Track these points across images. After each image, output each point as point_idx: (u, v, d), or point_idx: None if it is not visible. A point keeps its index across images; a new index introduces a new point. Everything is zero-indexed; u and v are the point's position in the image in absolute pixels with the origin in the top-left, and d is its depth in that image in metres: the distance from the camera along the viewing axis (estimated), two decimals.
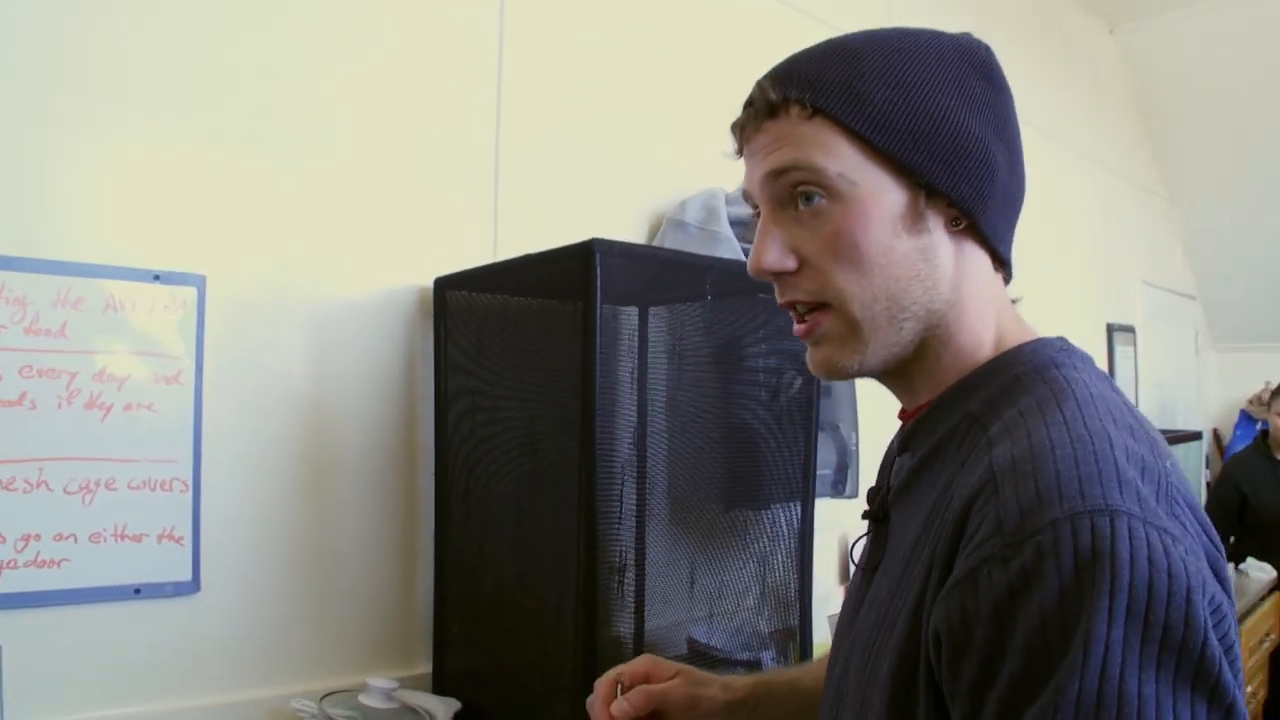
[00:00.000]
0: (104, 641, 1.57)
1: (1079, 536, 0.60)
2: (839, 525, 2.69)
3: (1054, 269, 4.27)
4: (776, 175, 0.78)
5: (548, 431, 1.65)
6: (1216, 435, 5.92)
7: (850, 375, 0.81)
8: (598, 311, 1.45)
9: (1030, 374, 0.77)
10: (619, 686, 1.02)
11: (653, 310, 1.86)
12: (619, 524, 1.58)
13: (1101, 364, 4.52)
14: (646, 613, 1.78)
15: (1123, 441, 0.67)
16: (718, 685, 1.05)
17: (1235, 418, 5.77)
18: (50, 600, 1.52)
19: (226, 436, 1.70)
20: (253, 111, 1.74)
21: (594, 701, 1.02)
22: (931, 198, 0.77)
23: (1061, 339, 0.82)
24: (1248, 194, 5.06)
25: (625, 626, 1.69)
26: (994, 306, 0.82)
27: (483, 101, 2.09)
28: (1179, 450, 4.42)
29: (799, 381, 1.86)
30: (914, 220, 0.77)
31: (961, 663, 0.64)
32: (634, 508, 1.73)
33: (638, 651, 1.64)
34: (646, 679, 1.04)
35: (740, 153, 0.83)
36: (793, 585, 1.88)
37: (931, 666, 0.68)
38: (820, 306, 0.79)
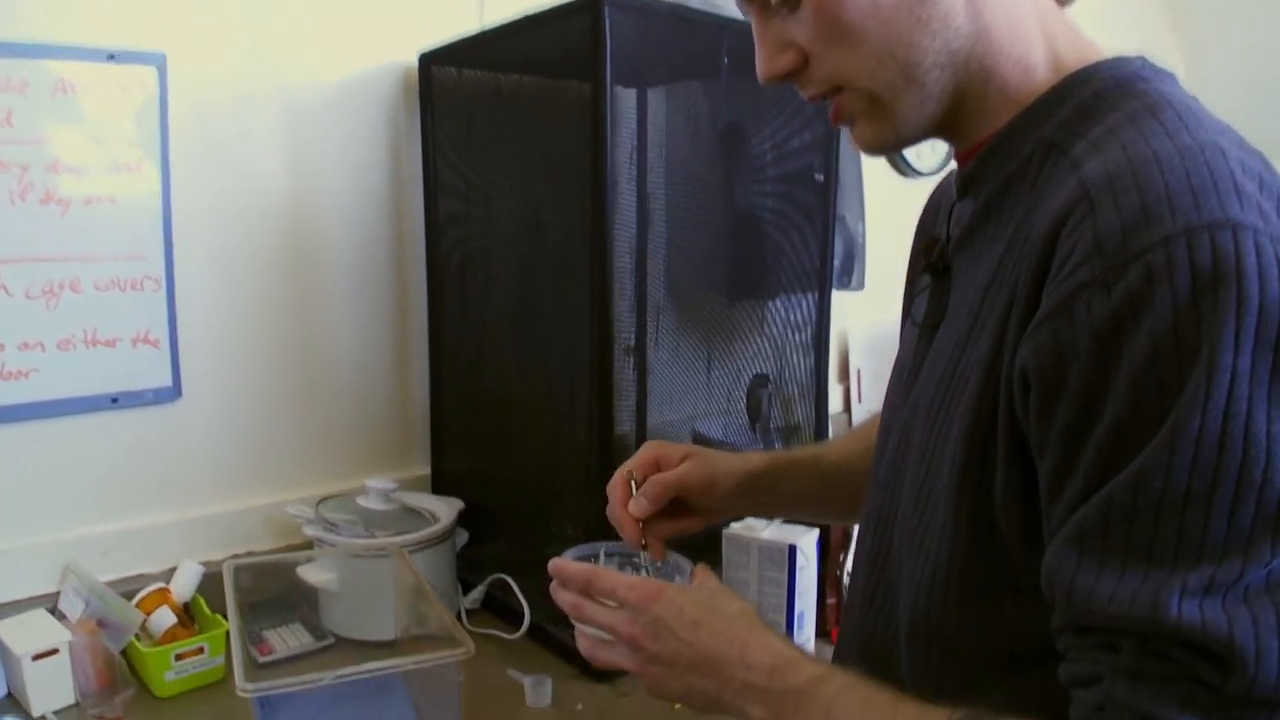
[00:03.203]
0: (82, 455, 1.49)
1: (1197, 254, 0.52)
2: (841, 318, 2.59)
3: None
4: None
5: (553, 221, 1.53)
6: None
7: (896, 146, 0.74)
8: (608, 82, 1.30)
9: (1112, 89, 0.66)
10: (631, 484, 0.95)
11: (651, 92, 1.71)
12: (632, 310, 1.49)
13: None
14: (649, 407, 1.70)
15: (1236, 153, 0.58)
16: (733, 459, 0.99)
17: None
18: (20, 414, 1.43)
19: (199, 230, 1.56)
20: None
21: (613, 507, 0.96)
22: None
23: (1141, 56, 0.70)
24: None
25: (626, 424, 1.61)
26: (1035, 21, 0.70)
27: None
28: None
29: (819, 176, 1.73)
30: None
31: (1054, 406, 0.58)
32: (632, 300, 1.64)
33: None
34: (656, 468, 0.97)
35: None
36: (807, 378, 1.82)
37: (1014, 418, 0.62)
38: (837, 89, 0.72)
